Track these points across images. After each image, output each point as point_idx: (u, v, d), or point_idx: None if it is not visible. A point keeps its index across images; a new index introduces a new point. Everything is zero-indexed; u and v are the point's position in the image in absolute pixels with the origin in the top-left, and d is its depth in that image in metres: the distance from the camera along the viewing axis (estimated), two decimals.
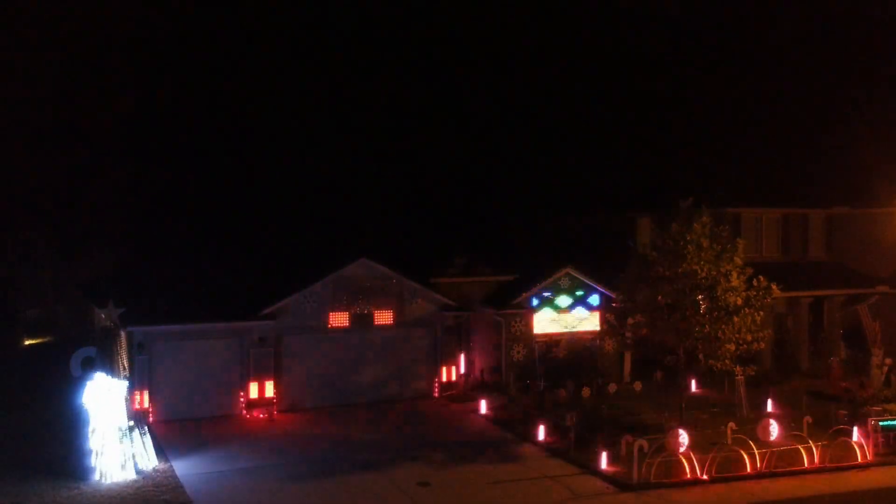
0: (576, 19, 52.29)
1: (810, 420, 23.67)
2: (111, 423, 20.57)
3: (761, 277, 24.27)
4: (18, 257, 42.43)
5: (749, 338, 23.79)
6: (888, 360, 29.44)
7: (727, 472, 20.81)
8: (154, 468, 21.16)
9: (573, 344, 31.59)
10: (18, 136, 40.12)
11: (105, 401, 20.67)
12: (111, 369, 21.69)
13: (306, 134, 46.09)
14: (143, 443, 21.45)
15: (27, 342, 39.55)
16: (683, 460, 20.79)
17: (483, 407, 27.65)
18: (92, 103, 43.18)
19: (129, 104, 44.00)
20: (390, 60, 52.22)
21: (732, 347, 23.77)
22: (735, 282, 23.83)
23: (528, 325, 31.34)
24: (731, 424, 23.58)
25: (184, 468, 21.31)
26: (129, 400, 21.46)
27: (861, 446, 22.21)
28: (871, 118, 38.11)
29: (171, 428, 25.13)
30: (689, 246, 23.83)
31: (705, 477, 20.55)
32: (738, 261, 24.26)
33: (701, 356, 24.32)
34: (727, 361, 23.99)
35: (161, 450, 22.43)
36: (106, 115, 43.12)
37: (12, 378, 31.26)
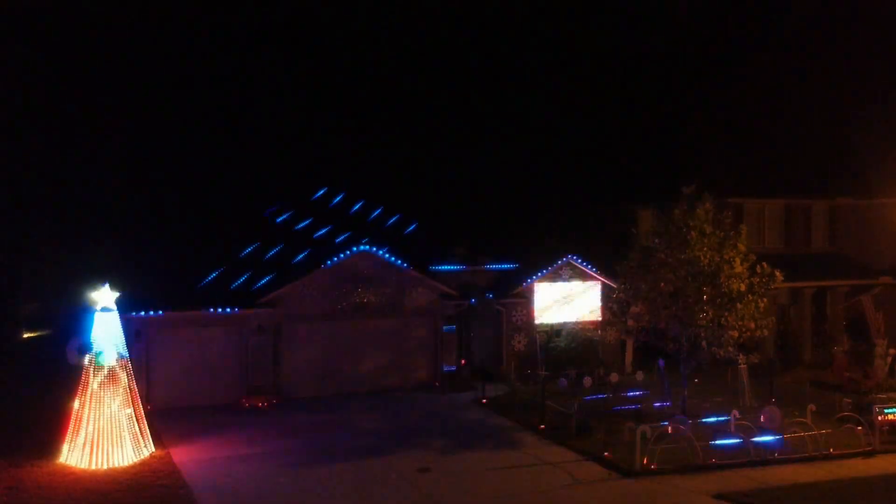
0: (577, 9, 52.12)
1: (814, 408, 23.52)
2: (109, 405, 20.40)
3: (764, 264, 24.08)
4: (17, 250, 42.20)
5: (752, 325, 23.61)
6: (892, 350, 29.30)
7: (730, 459, 20.60)
8: (151, 454, 20.98)
9: (574, 333, 31.40)
10: (16, 127, 39.95)
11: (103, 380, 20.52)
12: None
13: (308, 122, 45.94)
14: (141, 429, 21.25)
15: (25, 335, 39.39)
16: (686, 447, 20.57)
17: (484, 396, 27.45)
18: (90, 93, 43.04)
19: (128, 94, 43.86)
20: (391, 50, 52.09)
21: (735, 334, 23.59)
22: (738, 268, 23.61)
23: (529, 315, 31.15)
24: (735, 412, 23.41)
25: (181, 455, 21.12)
26: (127, 386, 21.24)
27: (865, 434, 22.02)
28: (875, 108, 37.88)
29: (169, 415, 24.90)
30: (691, 232, 23.64)
31: (708, 463, 20.34)
32: (742, 247, 24.06)
33: (704, 344, 24.10)
34: (730, 349, 23.84)
35: (158, 437, 22.24)
36: (104, 104, 42.98)
37: (10, 370, 31.12)
